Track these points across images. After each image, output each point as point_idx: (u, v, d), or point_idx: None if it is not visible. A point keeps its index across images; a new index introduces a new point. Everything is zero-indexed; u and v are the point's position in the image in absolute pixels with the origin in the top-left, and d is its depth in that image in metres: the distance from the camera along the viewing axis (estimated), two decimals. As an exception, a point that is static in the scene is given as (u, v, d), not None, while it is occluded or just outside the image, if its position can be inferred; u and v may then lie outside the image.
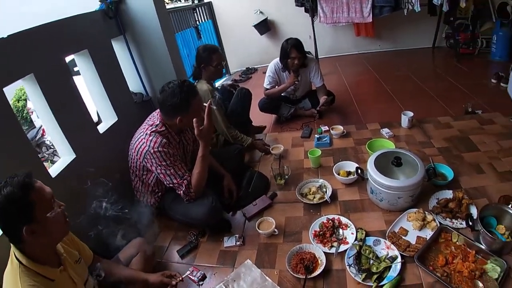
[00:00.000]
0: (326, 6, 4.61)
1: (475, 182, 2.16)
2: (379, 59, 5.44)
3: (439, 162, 2.33)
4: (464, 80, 3.98)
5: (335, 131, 2.86)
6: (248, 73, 5.42)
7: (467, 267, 1.56)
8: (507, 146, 2.55)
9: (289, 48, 2.98)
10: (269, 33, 5.67)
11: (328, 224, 1.91)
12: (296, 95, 3.42)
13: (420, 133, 2.81)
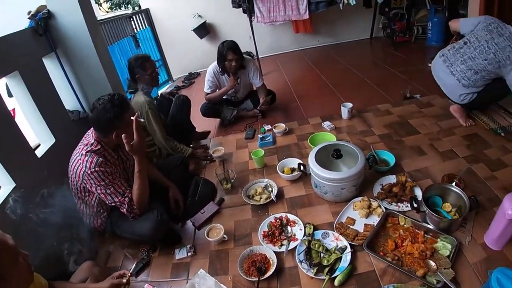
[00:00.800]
0: (262, 6, 4.81)
1: (418, 164, 2.37)
2: (319, 54, 5.77)
3: (381, 148, 2.52)
4: (402, 67, 4.35)
5: (278, 129, 3.02)
6: (191, 78, 5.60)
7: (417, 249, 1.68)
8: (447, 126, 2.82)
9: (225, 51, 3.11)
10: (209, 36, 5.85)
11: (276, 223, 2.00)
12: (237, 97, 3.56)
13: (361, 122, 3.02)
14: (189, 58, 5.91)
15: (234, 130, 3.36)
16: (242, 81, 3.42)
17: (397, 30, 5.61)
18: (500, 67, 2.45)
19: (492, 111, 3.10)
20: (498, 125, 2.90)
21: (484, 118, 3.00)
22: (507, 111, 3.11)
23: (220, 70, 3.29)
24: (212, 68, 3.35)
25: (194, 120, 3.37)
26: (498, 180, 2.21)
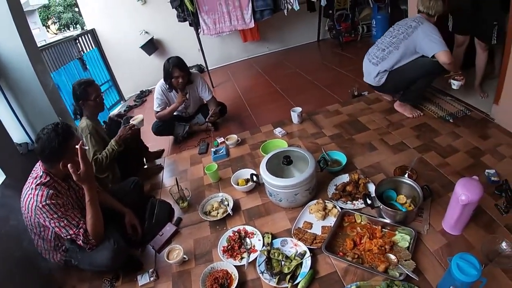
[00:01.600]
0: (207, 18, 4.83)
1: (370, 160, 2.43)
2: (268, 61, 5.87)
3: (332, 149, 2.58)
4: (349, 66, 4.51)
5: (230, 141, 3.02)
6: (143, 96, 5.55)
7: (375, 244, 1.71)
8: (396, 119, 2.94)
9: (171, 68, 3.11)
10: (158, 52, 5.83)
11: (234, 236, 2.00)
12: (188, 112, 3.56)
13: (311, 125, 3.08)
14: (139, 76, 5.85)
15: (188, 146, 3.34)
16: (191, 96, 3.42)
17: (343, 30, 5.83)
18: (405, 38, 2.77)
19: (440, 99, 3.26)
20: (447, 112, 3.04)
21: (432, 107, 3.14)
22: (454, 97, 3.27)
23: (168, 87, 3.28)
24: (159, 85, 3.33)
25: (147, 140, 3.33)
26: (450, 166, 2.31)
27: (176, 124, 3.45)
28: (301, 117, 3.16)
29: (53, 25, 10.20)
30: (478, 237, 1.72)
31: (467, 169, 2.27)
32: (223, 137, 3.15)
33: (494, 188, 2.04)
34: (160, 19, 5.60)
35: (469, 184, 1.66)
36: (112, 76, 5.81)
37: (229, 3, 4.81)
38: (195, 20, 4.83)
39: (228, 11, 4.87)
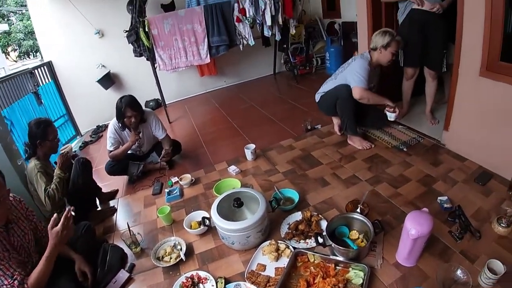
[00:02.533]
0: (163, 54, 4.88)
1: (322, 196, 2.47)
2: (225, 95, 5.95)
3: (285, 186, 2.61)
4: (303, 99, 4.66)
5: (184, 181, 2.99)
6: (99, 132, 5.45)
7: (329, 283, 1.71)
8: (348, 152, 3.03)
9: (124, 108, 3.11)
10: (115, 86, 5.78)
11: (187, 283, 1.95)
12: (142, 150, 3.54)
13: (265, 162, 3.11)
14: (96, 111, 5.74)
15: (142, 186, 3.28)
16: (144, 135, 3.40)
17: (298, 63, 6.06)
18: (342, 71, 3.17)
19: (392, 129, 3.42)
20: (400, 141, 3.18)
21: (385, 137, 3.27)
22: (406, 126, 3.44)
23: (120, 126, 3.26)
24: (112, 124, 3.30)
25: (100, 180, 3.28)
26: (403, 196, 2.39)
27: (130, 164, 3.39)
28: (255, 154, 3.19)
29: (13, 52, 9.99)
30: (433, 266, 1.77)
31: (420, 198, 2.36)
32: (178, 176, 3.12)
33: (447, 215, 2.13)
34: (117, 53, 5.58)
35: (419, 217, 1.72)
36: (68, 110, 5.65)
37: (185, 38, 4.90)
38: (151, 55, 4.86)
39: (184, 46, 4.96)
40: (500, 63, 2.42)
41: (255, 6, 4.90)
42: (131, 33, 4.81)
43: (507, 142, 2.47)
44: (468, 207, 2.19)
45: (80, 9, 5.17)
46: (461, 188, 2.43)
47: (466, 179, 2.54)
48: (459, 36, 2.64)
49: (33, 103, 4.72)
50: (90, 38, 5.41)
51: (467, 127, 2.81)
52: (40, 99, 4.86)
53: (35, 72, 4.99)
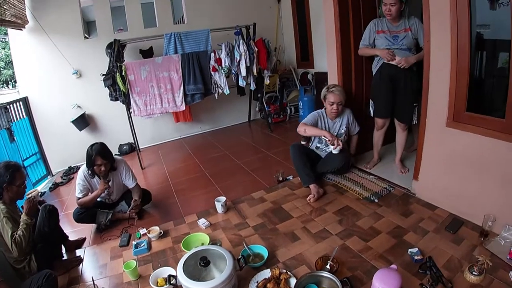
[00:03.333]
0: (139, 100, 4.91)
1: (292, 252, 2.42)
2: (200, 142, 5.94)
3: (255, 241, 2.56)
4: (276, 148, 4.72)
5: (152, 234, 2.90)
6: (70, 173, 5.26)
7: None
8: (318, 205, 3.02)
9: (94, 156, 3.06)
10: (89, 128, 5.67)
11: None
12: (111, 199, 3.45)
13: (236, 215, 3.06)
14: (69, 151, 5.58)
15: (110, 236, 3.17)
16: (114, 183, 3.34)
17: (272, 112, 6.19)
18: None
19: (363, 179, 3.46)
20: (371, 192, 3.20)
21: (356, 188, 3.29)
22: (376, 176, 3.48)
23: (90, 173, 3.21)
24: (82, 171, 3.24)
25: (67, 227, 3.17)
26: (373, 250, 2.37)
27: (99, 212, 3.29)
28: (226, 207, 3.15)
29: (-8, 79, 9.84)
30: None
31: (390, 251, 2.35)
32: (146, 227, 3.04)
33: (418, 267, 2.12)
34: (93, 94, 5.52)
35: (386, 276, 1.71)
36: (41, 148, 5.48)
37: (160, 85, 4.96)
38: (126, 100, 4.87)
39: (160, 93, 5.01)
40: (466, 114, 2.53)
41: (231, 57, 5.04)
42: (107, 77, 4.83)
43: (476, 189, 2.54)
44: (440, 257, 2.20)
45: (60, 47, 5.17)
46: (432, 238, 2.45)
47: (437, 228, 2.57)
48: (426, 88, 2.77)
49: (5, 140, 4.56)
50: (67, 77, 5.37)
51: (436, 176, 2.87)
52: (13, 135, 4.70)
53: (9, 107, 4.87)
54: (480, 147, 2.46)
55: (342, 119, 3.51)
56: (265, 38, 5.43)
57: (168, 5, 6.04)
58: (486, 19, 3.01)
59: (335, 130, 3.51)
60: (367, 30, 3.32)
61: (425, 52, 2.75)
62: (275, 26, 6.91)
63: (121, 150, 5.75)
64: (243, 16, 5.99)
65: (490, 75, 3.25)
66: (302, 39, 6.51)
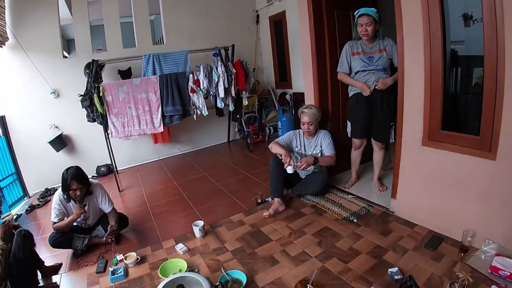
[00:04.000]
0: (116, 121, 4.85)
1: (271, 276, 2.38)
2: (179, 163, 5.86)
3: (233, 266, 2.51)
4: (255, 169, 4.71)
5: (129, 260, 2.83)
6: (47, 195, 5.10)
7: None
8: (297, 226, 3.00)
9: (69, 180, 2.99)
10: (66, 149, 5.54)
11: None
12: (88, 223, 3.36)
13: (214, 239, 3.00)
14: (46, 173, 5.40)
15: (87, 261, 3.07)
16: (90, 207, 3.26)
17: (251, 132, 6.21)
18: None
19: (342, 199, 3.46)
20: (350, 211, 3.20)
21: (335, 208, 3.29)
22: (355, 196, 3.48)
23: (65, 197, 3.12)
24: (57, 195, 3.15)
25: (48, 250, 3.10)
26: (353, 271, 2.35)
27: (75, 237, 3.19)
28: (204, 231, 3.09)
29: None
30: None
31: (370, 272, 2.34)
32: (124, 253, 2.96)
33: (398, 287, 2.11)
34: (71, 115, 5.42)
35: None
36: (18, 169, 5.32)
37: (138, 107, 4.93)
38: (104, 121, 4.80)
39: (138, 115, 4.96)
40: (441, 132, 2.59)
41: (209, 79, 5.06)
42: (85, 97, 4.76)
43: (454, 205, 2.59)
44: (420, 275, 2.21)
45: (38, 66, 5.09)
46: (411, 256, 2.45)
47: (417, 245, 2.58)
48: (401, 108, 2.83)
49: (-19, 160, 4.37)
50: (45, 96, 5.27)
51: (414, 194, 2.91)
52: (-11, 155, 4.50)
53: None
54: (456, 164, 2.51)
55: (317, 139, 3.56)
56: (243, 60, 5.49)
57: (148, 25, 6.07)
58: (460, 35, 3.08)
59: (310, 149, 3.57)
60: (343, 54, 3.37)
61: (399, 72, 2.81)
62: (254, 47, 7.00)
63: (98, 171, 5.63)
64: (222, 37, 6.09)
65: (465, 92, 3.31)
66: (280, 60, 6.59)
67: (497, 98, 2.17)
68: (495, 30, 2.09)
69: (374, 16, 3.06)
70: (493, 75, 2.16)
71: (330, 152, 3.50)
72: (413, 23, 2.58)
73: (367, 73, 3.24)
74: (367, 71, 3.24)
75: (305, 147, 3.59)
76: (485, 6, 2.13)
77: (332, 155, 3.49)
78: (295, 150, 3.61)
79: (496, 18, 2.07)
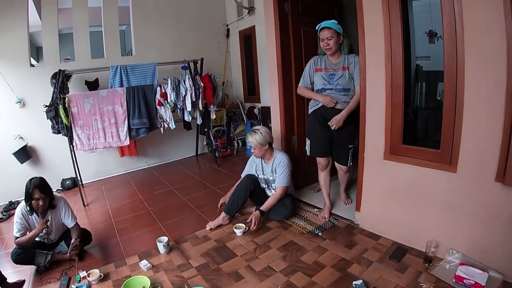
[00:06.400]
0: (82, 133, 4.74)
1: (236, 292, 2.33)
2: (145, 177, 5.74)
3: (198, 283, 2.47)
4: (223, 183, 4.69)
5: (92, 277, 2.73)
6: (11, 209, 4.85)
7: None
8: (262, 241, 3.00)
9: (32, 189, 2.90)
10: (31, 161, 5.32)
11: None
12: (50, 238, 3.23)
13: (178, 255, 2.94)
14: (10, 185, 5.13)
15: (50, 278, 2.94)
16: (53, 222, 3.15)
17: (219, 146, 6.19)
18: None
19: (308, 212, 3.48)
20: (315, 225, 3.20)
21: (300, 222, 3.28)
22: (320, 209, 3.48)
23: (28, 209, 3.01)
24: (20, 208, 3.04)
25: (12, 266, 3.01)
26: (317, 285, 2.36)
27: (37, 253, 3.06)
28: (168, 247, 3.03)
29: None
30: None
31: (335, 285, 2.35)
32: (87, 269, 2.86)
33: (363, 300, 2.09)
34: (37, 126, 5.22)
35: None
36: None
37: (104, 119, 4.83)
38: (69, 134, 4.68)
39: (104, 127, 4.87)
40: (403, 146, 2.66)
41: (176, 92, 5.01)
42: (50, 108, 4.64)
43: (417, 217, 2.65)
44: (385, 287, 2.23)
45: (4, 73, 4.92)
46: (376, 268, 2.48)
47: (381, 257, 2.61)
48: (363, 123, 2.88)
49: None
50: (11, 106, 5.07)
51: (377, 206, 2.96)
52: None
53: None
54: (418, 177, 2.58)
55: (273, 165, 3.47)
56: (211, 74, 5.50)
57: (117, 36, 6.00)
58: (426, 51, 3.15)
59: (268, 174, 3.53)
60: (306, 68, 3.30)
61: (361, 89, 2.86)
62: (224, 60, 7.02)
63: (63, 185, 5.46)
64: (192, 50, 6.10)
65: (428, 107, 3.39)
66: (249, 74, 6.64)
67: (456, 111, 2.25)
68: (455, 46, 2.18)
69: (335, 28, 2.96)
70: (453, 90, 2.24)
71: (280, 184, 3.38)
72: (375, 39, 2.66)
73: (326, 92, 3.15)
74: (326, 90, 3.15)
75: (264, 171, 3.57)
76: (445, 23, 2.21)
77: (281, 187, 3.38)
78: (258, 176, 3.61)
79: (456, 34, 2.15)
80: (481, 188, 2.22)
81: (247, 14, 6.26)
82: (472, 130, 2.20)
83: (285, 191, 3.41)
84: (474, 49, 2.09)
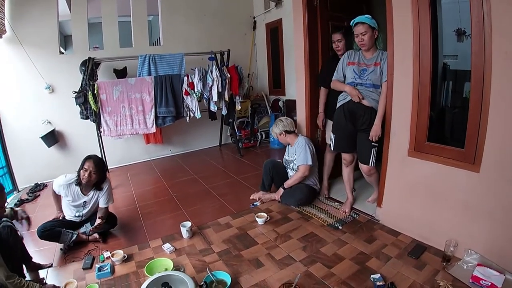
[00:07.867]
0: (109, 120, 4.88)
1: (256, 278, 2.41)
2: (169, 164, 5.85)
3: (219, 268, 2.54)
4: (246, 173, 4.75)
5: (116, 258, 2.83)
6: (36, 190, 5.02)
7: None
8: (283, 231, 3.04)
9: (86, 159, 3.12)
10: (58, 145, 5.50)
11: None
12: (82, 214, 3.35)
13: (201, 240, 3.02)
14: (37, 167, 5.37)
15: (74, 258, 3.05)
16: (92, 201, 3.32)
17: (243, 137, 6.24)
18: None
19: (329, 206, 3.49)
20: (336, 218, 3.23)
21: (321, 215, 3.32)
22: (341, 203, 3.51)
23: (76, 179, 3.19)
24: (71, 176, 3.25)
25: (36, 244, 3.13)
26: (336, 276, 2.39)
27: (63, 232, 3.17)
28: (191, 232, 3.11)
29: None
30: None
31: (353, 277, 2.37)
32: (111, 250, 2.97)
33: (380, 294, 2.11)
34: (65, 111, 5.39)
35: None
36: (8, 162, 5.24)
37: (132, 106, 4.97)
38: (97, 119, 4.83)
39: (131, 114, 5.00)
40: (427, 144, 2.65)
41: (203, 82, 5.08)
42: (79, 94, 4.79)
43: (437, 215, 2.64)
44: (402, 283, 2.25)
45: (34, 60, 5.07)
46: (394, 264, 2.49)
47: (400, 253, 2.62)
48: (389, 119, 2.88)
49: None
50: (40, 91, 5.24)
51: (398, 203, 2.96)
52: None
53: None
54: (441, 175, 2.57)
55: (295, 147, 3.71)
56: (238, 65, 5.53)
57: (145, 26, 6.09)
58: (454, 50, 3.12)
59: (291, 154, 3.78)
60: (340, 62, 3.23)
61: (388, 85, 2.84)
62: (249, 52, 7.06)
63: (89, 169, 5.58)
64: (219, 42, 6.16)
65: (454, 105, 3.35)
66: (275, 67, 6.66)
67: (482, 111, 2.23)
68: (482, 45, 2.15)
69: (369, 23, 2.86)
70: (479, 89, 2.22)
71: (299, 163, 3.58)
72: (403, 36, 2.64)
73: (356, 87, 3.07)
74: (356, 84, 3.06)
75: (289, 154, 3.81)
76: (473, 22, 2.19)
77: (300, 167, 3.57)
78: (287, 159, 3.86)
79: (485, 34, 2.12)
80: (502, 189, 2.21)
81: (274, 7, 6.27)
82: (496, 131, 2.18)
83: (306, 170, 3.55)
84: (501, 49, 2.07)
